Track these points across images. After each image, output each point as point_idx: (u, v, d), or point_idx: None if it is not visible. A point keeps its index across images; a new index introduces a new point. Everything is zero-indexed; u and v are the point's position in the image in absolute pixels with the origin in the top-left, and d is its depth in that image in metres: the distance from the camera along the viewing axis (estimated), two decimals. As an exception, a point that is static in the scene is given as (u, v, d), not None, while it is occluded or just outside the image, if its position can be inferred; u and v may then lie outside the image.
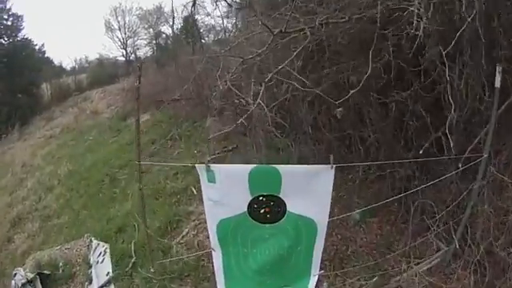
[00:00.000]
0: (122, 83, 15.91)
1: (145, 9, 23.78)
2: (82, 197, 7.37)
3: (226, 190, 2.66)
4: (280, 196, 2.61)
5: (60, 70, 24.16)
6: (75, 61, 26.43)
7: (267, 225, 2.69)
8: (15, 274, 5.01)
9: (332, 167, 2.54)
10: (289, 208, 2.65)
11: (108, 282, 4.47)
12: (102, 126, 11.82)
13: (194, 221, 5.02)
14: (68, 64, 26.96)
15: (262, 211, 2.65)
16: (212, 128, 8.14)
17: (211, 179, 2.64)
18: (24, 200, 8.54)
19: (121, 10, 24.27)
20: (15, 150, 13.06)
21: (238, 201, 2.66)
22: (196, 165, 2.70)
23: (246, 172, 2.57)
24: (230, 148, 7.10)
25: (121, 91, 14.53)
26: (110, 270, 4.61)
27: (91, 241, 5.48)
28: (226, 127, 7.99)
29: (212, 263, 3.08)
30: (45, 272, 4.99)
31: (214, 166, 2.65)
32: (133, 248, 4.72)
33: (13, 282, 4.84)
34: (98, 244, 5.27)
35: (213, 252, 2.96)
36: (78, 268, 5.05)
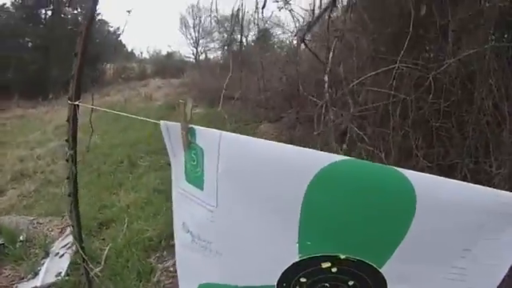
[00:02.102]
0: (185, 78, 15.30)
1: (222, 13, 23.88)
2: (92, 172, 6.28)
3: (229, 218, 0.95)
4: (381, 272, 0.86)
5: (130, 55, 24.69)
6: (146, 50, 27.16)
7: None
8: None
9: None
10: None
11: (51, 286, 3.15)
12: (149, 111, 11.00)
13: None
14: (138, 51, 27.74)
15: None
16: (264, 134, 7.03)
17: (193, 175, 0.99)
18: (38, 159, 7.68)
19: (197, 9, 24.54)
20: (58, 112, 12.58)
21: (257, 259, 0.94)
22: (162, 122, 1.04)
23: (309, 174, 0.80)
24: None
25: (182, 85, 13.86)
26: (64, 271, 3.29)
27: (68, 226, 4.25)
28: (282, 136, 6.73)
29: None
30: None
31: (203, 134, 0.94)
32: (105, 254, 3.37)
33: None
34: (72, 232, 4.00)
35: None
36: (35, 251, 3.78)
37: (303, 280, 0.92)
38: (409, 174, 0.76)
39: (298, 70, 4.74)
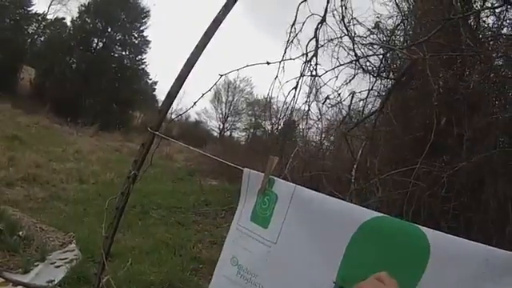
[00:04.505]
0: (206, 149, 15.72)
1: (255, 96, 24.56)
2: (100, 206, 6.28)
3: (282, 253, 1.13)
4: None
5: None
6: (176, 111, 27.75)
7: None
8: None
9: None
10: None
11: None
12: (167, 169, 11.19)
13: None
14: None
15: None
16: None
17: (261, 216, 1.18)
18: (54, 172, 7.77)
19: (234, 87, 25.75)
20: (81, 138, 13.24)
21: None
22: (246, 169, 1.27)
23: (355, 225, 1.03)
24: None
25: (203, 155, 14.28)
26: (57, 281, 3.26)
27: (70, 243, 4.23)
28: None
29: None
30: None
31: (280, 184, 1.20)
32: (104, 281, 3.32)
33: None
34: (73, 250, 3.98)
35: None
36: (31, 252, 3.73)
37: None
38: (425, 230, 0.99)
39: (323, 164, 5.02)
